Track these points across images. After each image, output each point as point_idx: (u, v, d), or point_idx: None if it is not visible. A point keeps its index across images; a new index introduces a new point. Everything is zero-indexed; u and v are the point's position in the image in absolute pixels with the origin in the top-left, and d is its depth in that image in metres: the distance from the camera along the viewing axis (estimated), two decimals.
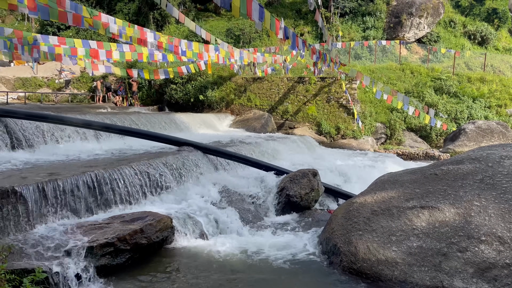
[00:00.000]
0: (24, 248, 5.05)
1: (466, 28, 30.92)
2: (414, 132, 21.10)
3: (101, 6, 29.52)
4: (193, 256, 6.24)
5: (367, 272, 5.30)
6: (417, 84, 22.46)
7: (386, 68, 24.04)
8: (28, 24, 30.61)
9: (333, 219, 6.45)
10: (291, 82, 20.43)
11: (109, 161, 8.36)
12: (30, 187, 5.90)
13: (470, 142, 17.85)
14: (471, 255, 4.85)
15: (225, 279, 5.45)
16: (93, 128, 9.63)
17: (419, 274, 4.97)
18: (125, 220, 6.30)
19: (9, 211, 5.48)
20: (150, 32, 14.16)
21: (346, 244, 5.72)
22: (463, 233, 5.05)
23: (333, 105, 19.75)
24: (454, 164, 6.34)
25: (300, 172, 8.79)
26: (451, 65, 24.87)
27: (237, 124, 19.37)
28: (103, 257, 5.50)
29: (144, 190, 7.58)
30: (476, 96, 21.87)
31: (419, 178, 6.32)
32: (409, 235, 5.35)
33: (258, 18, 7.42)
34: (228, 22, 30.48)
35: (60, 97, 22.18)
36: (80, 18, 11.59)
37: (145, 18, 28.68)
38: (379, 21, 29.71)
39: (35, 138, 9.48)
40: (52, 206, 6.12)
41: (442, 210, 5.41)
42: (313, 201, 8.61)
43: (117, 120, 12.75)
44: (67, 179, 6.47)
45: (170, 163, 8.46)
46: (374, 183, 7.11)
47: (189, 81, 21.55)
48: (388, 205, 5.93)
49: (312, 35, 29.52)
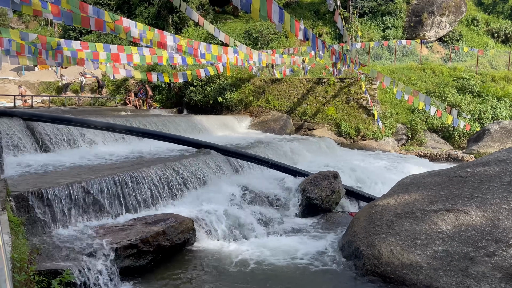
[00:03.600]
0: (51, 250, 5.16)
1: (489, 26, 30.18)
2: (436, 133, 20.69)
3: (121, 10, 30.03)
4: (214, 257, 6.27)
5: (390, 276, 5.22)
6: (439, 84, 22.02)
7: (406, 68, 23.66)
8: (51, 29, 31.37)
9: (355, 222, 6.38)
10: (310, 83, 20.32)
11: (131, 163, 8.48)
12: (56, 189, 6.03)
13: (495, 143, 17.39)
14: (499, 260, 4.72)
15: (246, 281, 5.45)
16: (115, 131, 9.80)
17: (445, 279, 4.86)
18: (148, 222, 6.38)
19: (36, 213, 5.61)
20: (170, 36, 14.32)
21: (369, 247, 5.64)
22: (491, 237, 4.92)
23: (352, 106, 19.56)
24: (480, 166, 6.19)
25: (320, 174, 8.73)
26: (474, 64, 24.32)
27: (256, 125, 19.38)
28: (127, 259, 5.57)
29: (166, 192, 7.65)
30: (501, 96, 21.30)
31: (444, 181, 6.19)
32: (434, 239, 5.24)
33: (278, 20, 7.41)
34: (246, 24, 30.55)
35: (83, 100, 22.64)
36: (102, 22, 11.82)
37: (164, 21, 29.02)
38: (399, 21, 29.27)
39: (60, 141, 9.70)
40: (77, 208, 6.24)
41: (469, 213, 5.28)
42: (334, 204, 8.54)
43: (138, 123, 12.93)
44: (91, 182, 6.59)
45: (191, 165, 8.52)
46: (397, 185, 7.00)
47: (208, 84, 21.68)
48: (412, 208, 5.82)
49: (330, 35, 29.32)
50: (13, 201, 5.28)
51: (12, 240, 3.69)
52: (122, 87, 24.29)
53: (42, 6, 10.25)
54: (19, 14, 31.03)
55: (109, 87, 24.48)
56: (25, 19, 32.96)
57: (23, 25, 32.67)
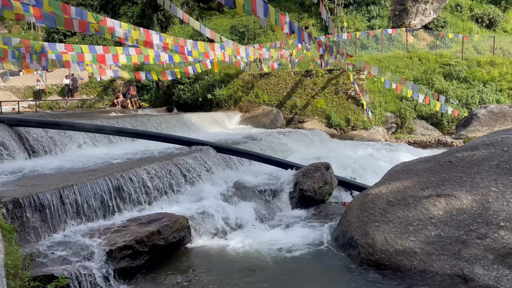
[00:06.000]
0: (44, 255, 5.13)
1: (473, 12, 30.43)
2: (425, 119, 20.88)
3: (105, 10, 29.68)
4: (210, 254, 6.28)
5: (385, 263, 5.29)
6: (426, 71, 22.20)
7: (393, 57, 23.80)
8: (35, 32, 30.92)
9: (349, 212, 6.44)
10: (298, 76, 20.34)
11: (122, 164, 8.43)
12: (47, 194, 5.98)
13: (483, 127, 17.61)
14: (491, 242, 4.80)
15: (243, 276, 5.48)
16: (105, 132, 9.72)
17: (438, 263, 4.94)
18: (142, 222, 6.36)
19: (28, 219, 5.57)
20: (156, 34, 14.21)
21: (363, 236, 5.70)
22: (482, 219, 5.00)
23: (341, 97, 19.63)
24: (468, 150, 6.27)
25: (312, 166, 8.77)
26: (459, 50, 24.53)
27: (246, 121, 19.38)
28: (122, 260, 5.56)
29: (159, 191, 7.63)
30: (487, 80, 21.54)
31: (434, 166, 6.27)
32: (427, 224, 5.31)
33: (263, 14, 7.39)
34: (232, 19, 30.42)
35: (70, 103, 22.41)
36: (86, 24, 11.69)
37: (149, 20, 28.77)
38: (383, 10, 29.38)
39: (49, 145, 9.60)
40: (69, 212, 6.20)
41: (459, 198, 5.36)
42: (327, 195, 8.59)
43: (126, 124, 12.84)
44: (82, 185, 6.55)
45: (183, 164, 8.51)
46: (388, 173, 7.07)
47: (197, 81, 21.60)
48: (404, 195, 5.89)
49: (317, 27, 29.32)
50: (3, 208, 5.23)
51: (5, 247, 3.66)
52: (109, 88, 24.08)
53: (24, 9, 10.10)
54: (1, 18, 30.53)
55: (96, 88, 24.26)
56: (7, 24, 32.45)
57: (6, 30, 32.17)
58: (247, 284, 5.28)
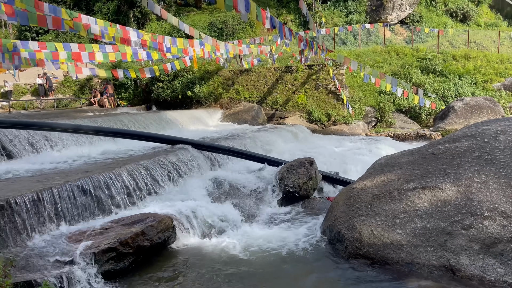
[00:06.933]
0: (25, 261, 4.93)
1: (447, 6, 31.06)
2: (403, 113, 21.22)
3: (79, 7, 28.95)
4: (196, 254, 6.19)
5: (373, 257, 5.31)
6: (403, 66, 22.55)
7: (371, 52, 24.07)
8: (6, 31, 29.92)
9: (335, 206, 6.44)
10: (279, 72, 20.33)
11: (102, 164, 8.22)
12: (25, 197, 5.76)
13: (460, 119, 18.01)
14: (476, 232, 4.87)
15: (230, 274, 5.41)
16: (83, 132, 9.46)
17: (425, 255, 4.98)
18: (125, 223, 6.20)
19: (5, 223, 5.35)
20: (133, 31, 13.93)
21: (350, 230, 5.71)
22: (466, 210, 5.07)
23: (322, 92, 19.73)
24: (450, 142, 6.36)
25: (296, 161, 8.76)
26: (435, 44, 25.00)
27: (228, 118, 19.26)
28: (106, 263, 5.40)
29: (141, 191, 7.47)
30: (462, 73, 22.03)
31: (417, 159, 6.32)
32: (413, 217, 5.35)
33: (244, 9, 7.30)
34: (210, 15, 30.15)
35: (45, 103, 21.78)
36: (60, 21, 11.34)
37: (125, 17, 28.23)
38: (361, 5, 29.66)
39: (25, 146, 9.28)
40: (49, 215, 5.99)
41: (443, 189, 5.42)
42: (312, 190, 8.60)
43: (102, 122, 12.54)
44: (61, 186, 6.34)
45: (165, 163, 8.35)
46: (372, 167, 7.10)
47: (176, 78, 21.32)
48: (389, 188, 5.92)
49: (295, 23, 29.37)
50: None
51: None
52: (86, 87, 23.53)
53: None
54: None
55: (72, 87, 23.66)
56: None
57: None
58: (235, 282, 5.21)
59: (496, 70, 22.14)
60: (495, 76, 21.90)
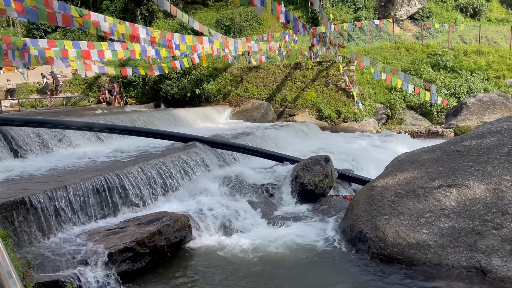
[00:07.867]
0: (42, 261, 4.82)
1: (458, 1, 30.63)
2: (414, 110, 20.94)
3: (86, 5, 28.89)
4: (212, 253, 6.05)
5: (398, 257, 5.13)
6: (414, 62, 22.24)
7: (380, 48, 23.78)
8: (14, 29, 29.96)
9: (355, 205, 6.26)
10: (288, 69, 20.13)
11: (116, 163, 8.11)
12: (40, 196, 5.65)
13: (473, 115, 17.71)
14: (508, 232, 4.68)
15: (247, 274, 5.26)
16: (95, 130, 9.35)
17: (454, 256, 4.80)
18: (141, 222, 6.08)
19: (21, 223, 5.24)
20: (142, 28, 13.80)
21: (373, 229, 5.53)
22: (497, 209, 4.88)
23: (331, 89, 19.51)
24: (475, 139, 6.15)
25: (312, 159, 8.58)
26: (445, 40, 24.66)
27: (237, 115, 19.11)
28: (123, 263, 5.28)
29: (156, 190, 7.35)
30: (474, 69, 21.70)
31: (441, 156, 6.13)
32: (439, 216, 5.17)
33: (260, 3, 7.14)
34: (217, 13, 29.98)
35: (54, 101, 21.77)
36: (69, 18, 11.23)
37: (133, 15, 28.15)
38: (369, 1, 29.35)
39: (36, 145, 9.19)
40: (64, 214, 5.88)
41: (471, 187, 5.23)
42: (328, 188, 8.42)
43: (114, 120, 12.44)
44: (76, 185, 6.23)
45: (179, 161, 8.23)
46: (392, 164, 6.91)
47: (184, 76, 21.20)
48: (413, 186, 5.74)
49: (303, 20, 29.10)
50: None
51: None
52: (94, 85, 23.48)
53: (5, 4, 9.62)
54: None
55: (81, 85, 23.62)
56: None
57: None
58: (255, 282, 5.06)
59: (508, 65, 21.78)
60: (508, 72, 21.55)
